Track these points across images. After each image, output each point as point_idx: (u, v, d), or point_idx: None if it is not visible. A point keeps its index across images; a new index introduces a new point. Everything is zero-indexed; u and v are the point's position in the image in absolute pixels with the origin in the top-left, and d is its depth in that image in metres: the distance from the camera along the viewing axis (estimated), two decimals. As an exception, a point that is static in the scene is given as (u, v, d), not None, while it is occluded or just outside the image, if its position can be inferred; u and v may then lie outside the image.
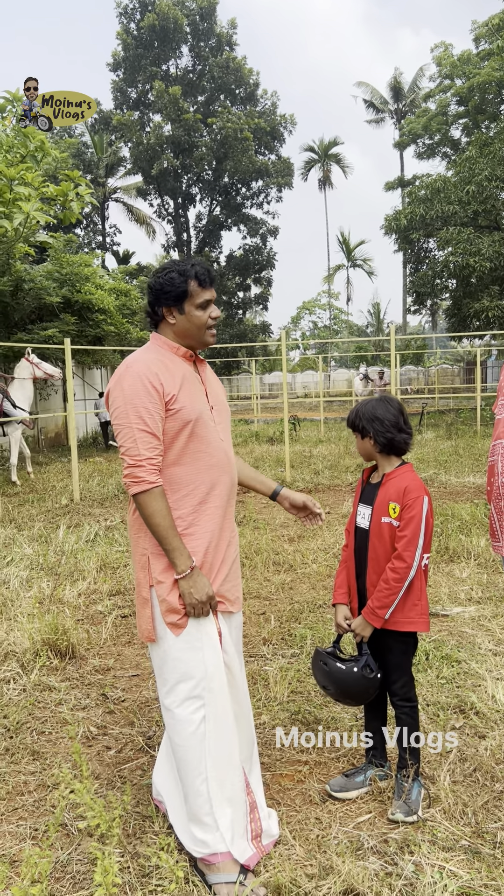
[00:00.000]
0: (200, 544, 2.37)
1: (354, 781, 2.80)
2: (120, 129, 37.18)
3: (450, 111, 26.69)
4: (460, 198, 21.29)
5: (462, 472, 10.67)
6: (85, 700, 3.75)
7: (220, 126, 35.84)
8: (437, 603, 5.03)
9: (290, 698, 3.63)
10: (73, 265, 16.28)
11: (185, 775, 2.34)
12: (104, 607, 5.18)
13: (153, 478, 2.29)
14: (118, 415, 2.32)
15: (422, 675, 3.79)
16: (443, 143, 27.80)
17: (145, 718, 3.54)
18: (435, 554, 6.19)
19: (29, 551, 6.63)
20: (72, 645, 4.30)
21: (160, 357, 2.40)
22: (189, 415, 2.34)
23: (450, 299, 24.28)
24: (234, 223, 40.74)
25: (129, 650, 4.47)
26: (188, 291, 2.38)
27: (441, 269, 21.76)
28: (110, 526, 7.91)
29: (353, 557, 2.75)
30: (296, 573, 5.93)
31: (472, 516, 7.24)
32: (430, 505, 2.57)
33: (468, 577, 5.61)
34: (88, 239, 40.77)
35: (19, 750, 3.25)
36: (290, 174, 39.28)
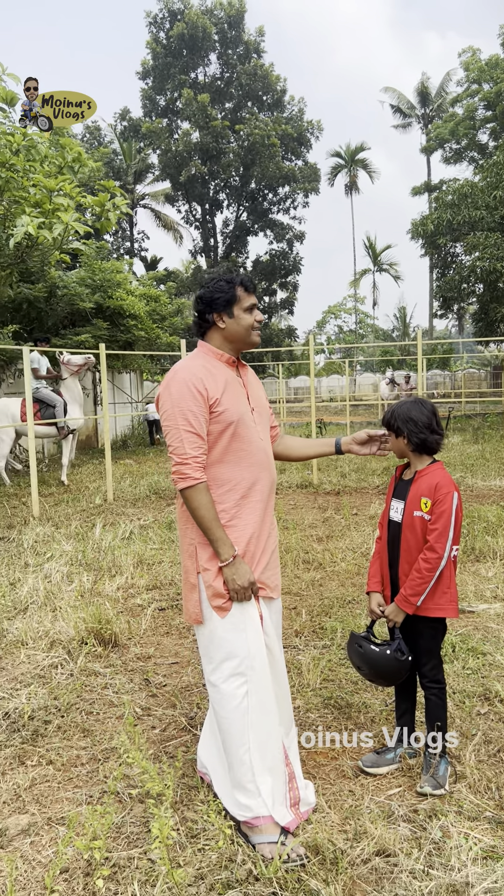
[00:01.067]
0: (243, 535, 2.59)
1: (385, 758, 2.99)
2: (149, 136, 37.64)
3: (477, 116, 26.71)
4: (487, 203, 21.33)
5: (489, 475, 10.76)
6: (128, 684, 3.96)
7: (247, 133, 36.15)
8: (464, 600, 5.18)
9: (323, 685, 3.82)
10: (104, 272, 16.60)
11: (230, 746, 2.55)
12: (142, 600, 5.40)
13: (198, 474, 2.50)
14: (166, 417, 2.55)
15: (448, 665, 3.96)
16: (470, 148, 27.82)
17: (186, 701, 3.74)
18: (461, 554, 6.34)
19: (68, 548, 6.88)
20: (114, 634, 4.52)
21: (205, 363, 2.63)
22: (231, 416, 2.55)
23: (477, 304, 24.30)
24: (261, 228, 40.97)
25: (168, 640, 4.68)
26: (236, 296, 2.63)
27: (468, 274, 21.80)
28: (144, 525, 8.13)
29: (386, 549, 2.94)
30: (325, 571, 6.11)
31: (498, 518, 7.37)
32: (459, 500, 2.75)
33: (494, 576, 5.76)
34: (117, 245, 41.27)
35: (70, 728, 3.47)
36: (317, 180, 39.42)
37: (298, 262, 40.79)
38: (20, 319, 14.61)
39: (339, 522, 8.03)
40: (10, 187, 8.91)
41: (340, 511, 8.61)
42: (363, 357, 48.22)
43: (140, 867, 2.42)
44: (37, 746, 3.31)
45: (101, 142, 39.23)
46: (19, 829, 2.70)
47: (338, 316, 73.10)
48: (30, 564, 6.39)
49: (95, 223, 9.35)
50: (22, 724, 3.47)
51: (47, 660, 4.23)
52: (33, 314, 14.80)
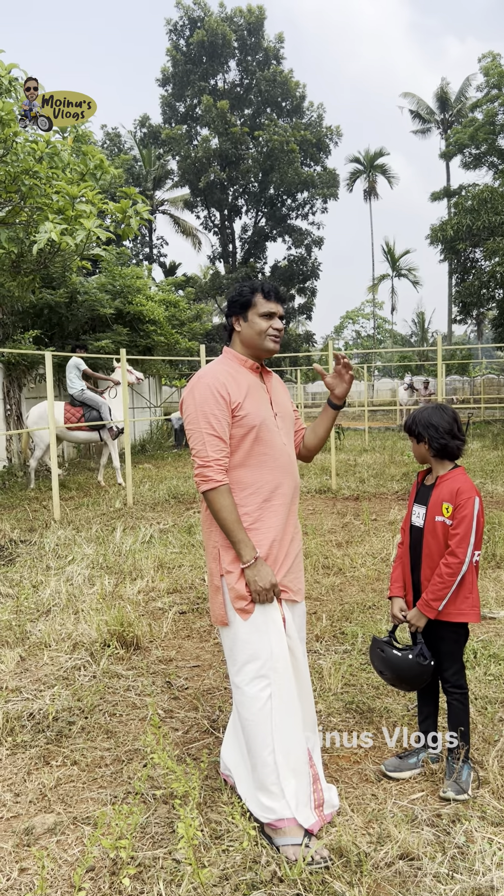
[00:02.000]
0: (266, 538, 2.62)
1: (408, 763, 3.00)
2: (168, 142, 37.87)
3: (497, 121, 26.60)
4: (507, 208, 21.23)
5: (508, 481, 10.70)
6: (151, 687, 4.00)
7: (266, 139, 36.26)
8: (485, 606, 5.17)
9: (344, 689, 3.84)
10: (124, 278, 16.72)
11: (253, 747, 2.57)
12: (163, 604, 5.44)
13: (220, 476, 2.55)
14: (190, 420, 2.60)
15: (470, 671, 3.95)
16: (490, 153, 27.70)
17: (208, 704, 3.77)
18: (482, 560, 6.32)
19: (89, 551, 6.93)
20: (136, 637, 4.56)
21: (228, 368, 2.68)
22: (253, 420, 2.59)
23: (496, 309, 24.18)
24: (279, 234, 41.02)
25: (189, 643, 4.71)
26: (252, 301, 2.69)
27: (488, 279, 21.71)
28: (164, 529, 8.18)
29: (408, 554, 2.96)
30: (345, 576, 6.11)
31: (518, 524, 7.33)
32: (480, 505, 2.76)
33: (515, 583, 5.73)
34: (136, 250, 41.54)
35: (94, 729, 3.51)
36: (336, 185, 39.43)
37: (317, 267, 40.78)
38: (41, 325, 14.75)
39: (359, 528, 8.03)
40: (34, 194, 9.01)
41: (360, 516, 8.61)
42: (381, 362, 48.11)
43: (165, 867, 2.45)
44: (61, 747, 3.35)
45: (122, 148, 39.53)
46: (45, 828, 2.74)
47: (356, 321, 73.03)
48: (51, 567, 6.44)
49: (117, 230, 9.44)
50: (46, 725, 3.51)
51: (70, 661, 4.28)
52: (54, 319, 14.95)
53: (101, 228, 8.59)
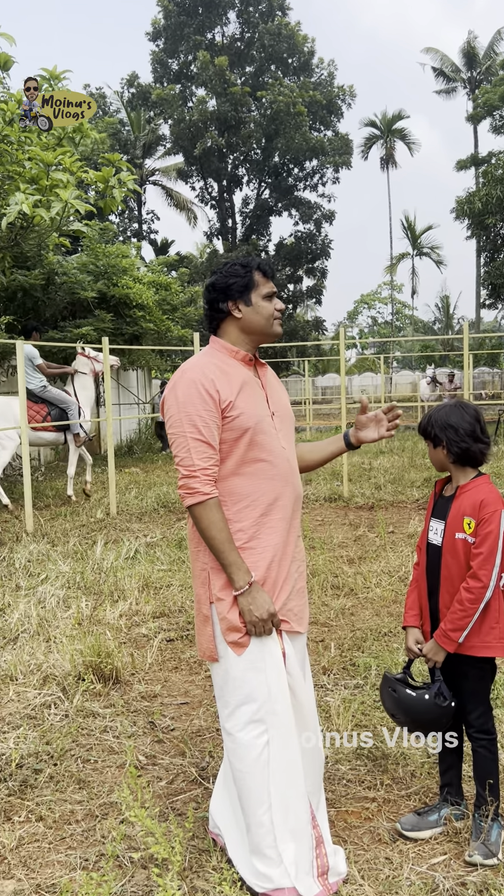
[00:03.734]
0: (262, 559, 2.54)
1: (428, 820, 2.91)
2: (159, 104, 37.84)
3: (531, 79, 26.55)
4: (543, 177, 21.17)
5: (544, 488, 10.62)
6: (131, 728, 3.92)
7: (270, 100, 36.23)
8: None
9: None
10: (109, 256, 16.65)
11: (247, 804, 2.48)
12: (148, 630, 5.38)
13: (208, 489, 2.47)
14: (172, 423, 2.52)
15: (500, 710, 3.86)
16: (523, 116, 27.67)
17: (197, 749, 3.69)
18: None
19: (65, 568, 6.87)
20: (115, 669, 4.49)
21: (217, 362, 2.59)
22: (247, 422, 2.51)
23: (530, 292, 24.12)
24: (285, 207, 40.99)
25: (177, 676, 4.64)
26: (254, 281, 2.61)
27: (520, 258, 21.63)
28: (151, 542, 8.12)
29: (425, 576, 2.87)
30: (357, 598, 6.04)
31: None
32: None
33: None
34: (123, 226, 41.52)
35: (64, 778, 3.43)
36: (349, 152, 39.37)
37: (327, 245, 40.72)
38: (14, 310, 14.68)
39: (374, 541, 7.97)
40: (3, 161, 8.96)
41: (374, 528, 8.55)
42: (400, 352, 48.11)
43: (141, 945, 2.36)
44: (25, 799, 3.27)
45: (107, 111, 39.51)
46: (4, 897, 2.65)
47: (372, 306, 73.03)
48: (21, 587, 6.39)
49: (98, 202, 9.38)
50: (9, 773, 3.43)
51: (39, 698, 4.21)
52: (29, 304, 14.87)
53: (79, 200, 8.52)
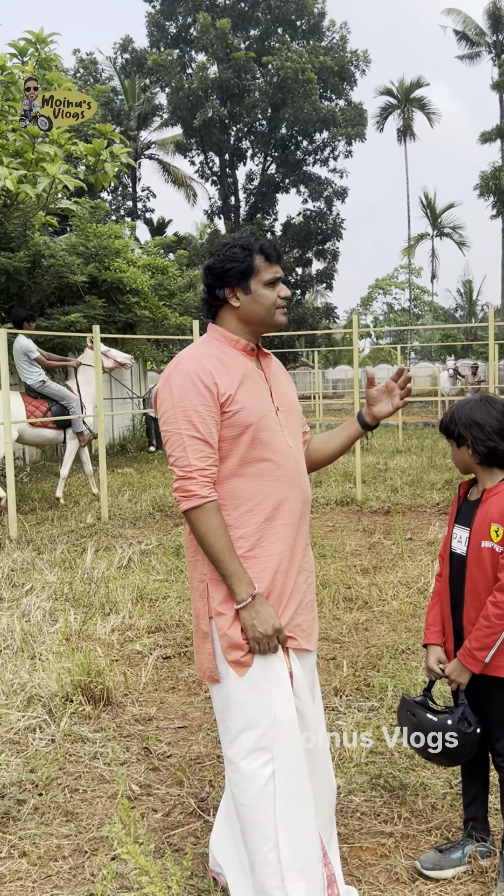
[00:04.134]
0: (267, 569, 2.51)
1: (450, 858, 2.88)
2: (156, 71, 37.83)
3: None
4: None
5: None
6: (124, 754, 3.91)
7: (277, 66, 36.17)
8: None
9: (369, 759, 3.73)
10: (100, 237, 16.64)
11: (252, 841, 2.45)
12: (142, 646, 5.36)
13: (205, 491, 2.44)
14: (166, 419, 2.50)
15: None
16: (554, 83, 27.59)
17: (196, 777, 3.68)
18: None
19: (52, 578, 6.87)
20: (107, 689, 4.47)
21: (215, 352, 2.58)
22: (248, 417, 2.49)
23: None
24: (293, 184, 40.94)
25: (174, 697, 4.62)
26: (254, 267, 2.57)
27: (551, 239, 21.56)
28: (146, 550, 8.11)
29: (447, 588, 2.84)
30: (372, 611, 6.02)
31: None
32: (543, 527, 2.64)
33: None
34: (116, 204, 41.52)
35: (50, 809, 3.41)
36: (363, 123, 39.31)
37: (339, 224, 40.65)
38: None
39: (390, 549, 7.94)
40: (-15, 133, 8.95)
41: (391, 535, 8.52)
42: (419, 342, 48.06)
43: None
44: (7, 833, 3.25)
45: (98, 78, 39.50)
46: (-17, 942, 2.63)
47: (387, 291, 72.99)
48: (4, 599, 6.39)
49: (89, 177, 9.37)
50: (-11, 804, 3.41)
51: (23, 721, 4.19)
52: (13, 289, 14.86)
53: (68, 175, 8.50)
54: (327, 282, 42.55)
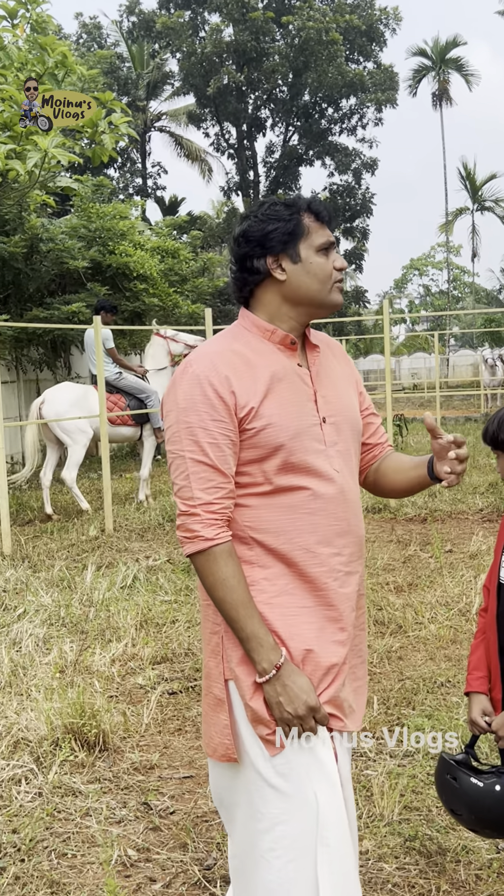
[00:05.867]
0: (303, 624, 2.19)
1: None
2: (165, 35, 37.83)
3: None
4: None
5: None
6: (120, 810, 3.75)
7: (298, 27, 36.05)
8: None
9: (403, 816, 3.55)
10: (104, 218, 16.59)
11: None
12: (146, 679, 5.22)
13: (212, 532, 2.13)
14: (170, 437, 2.19)
15: None
16: None
17: (202, 839, 3.50)
18: None
19: (47, 600, 6.77)
20: (103, 732, 4.33)
21: (240, 347, 2.23)
22: (277, 436, 2.15)
23: None
24: (318, 156, 40.88)
25: (180, 741, 4.48)
26: (303, 226, 2.24)
27: None
28: (153, 566, 7.99)
29: (494, 626, 2.65)
30: (406, 637, 5.85)
31: None
32: None
33: None
34: (125, 182, 41.60)
35: (33, 879, 3.26)
36: (394, 88, 39.18)
37: (369, 199, 40.57)
38: (-9, 284, 14.70)
39: (427, 563, 7.77)
40: (-30, 103, 8.84)
41: (428, 546, 8.33)
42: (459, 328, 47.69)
43: None
44: (-18, 909, 3.09)
45: (103, 44, 39.55)
46: None
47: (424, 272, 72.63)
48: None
49: (86, 150, 9.25)
50: (-37, 873, 3.26)
51: (7, 771, 4.06)
52: (8, 277, 14.85)
53: (62, 150, 8.37)
54: (357, 263, 42.44)
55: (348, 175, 40.42)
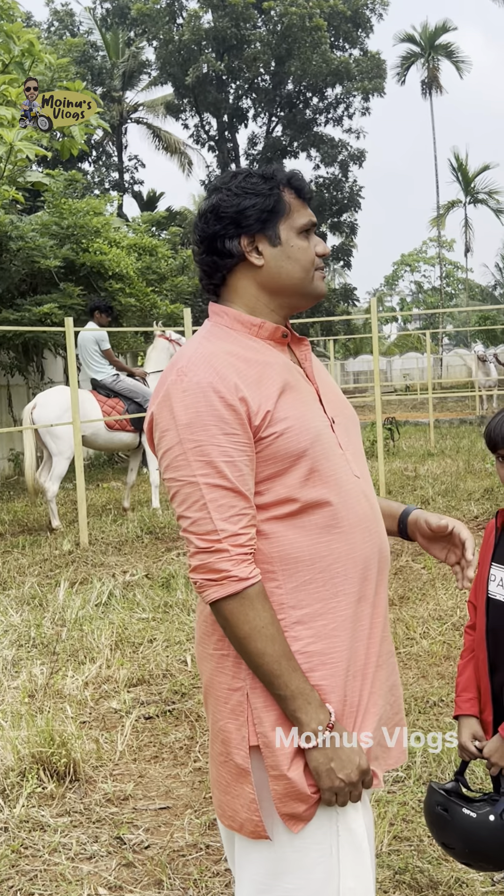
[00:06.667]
0: (335, 674, 1.96)
1: None
2: (141, 22, 37.86)
3: None
4: None
5: None
6: (92, 845, 3.70)
7: (280, 12, 36.14)
8: None
9: (392, 847, 3.51)
10: (77, 214, 16.56)
11: None
12: (121, 703, 5.18)
13: (245, 570, 1.87)
14: (171, 462, 1.92)
15: None
16: None
17: (179, 875, 3.46)
18: None
19: (16, 619, 6.75)
20: (73, 761, 4.28)
21: (231, 346, 1.99)
22: (300, 440, 1.93)
23: None
24: (303, 147, 40.95)
25: (156, 769, 4.43)
26: (286, 204, 2.03)
27: None
28: (130, 582, 7.96)
29: (484, 644, 2.61)
30: (398, 653, 5.80)
31: None
32: None
33: None
34: (100, 176, 41.55)
35: (-3, 921, 3.20)
36: (381, 76, 39.32)
37: (357, 193, 40.65)
38: (-42, 285, 14.65)
39: (419, 575, 7.77)
40: None
41: (421, 557, 8.31)
42: (453, 326, 47.87)
43: None
44: None
45: (75, 33, 39.54)
46: None
47: (415, 268, 72.87)
48: (-42, 647, 6.21)
49: (54, 143, 9.22)
50: None
51: (-30, 805, 4.00)
52: (-24, 277, 14.80)
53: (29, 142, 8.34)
54: (345, 259, 42.56)
55: (335, 167, 40.50)
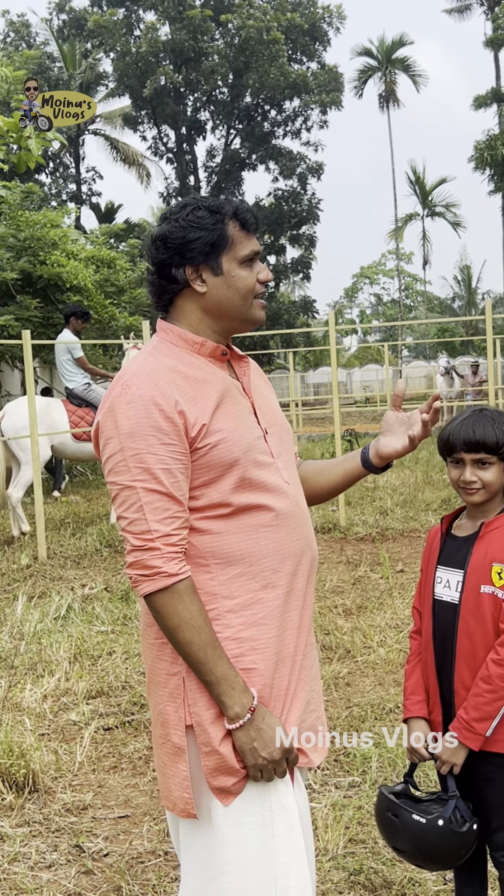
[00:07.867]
0: (265, 659, 2.15)
1: None
2: (98, 33, 37.90)
3: None
4: None
5: None
6: (51, 854, 3.73)
7: (238, 25, 36.36)
8: None
9: (348, 849, 3.58)
10: (34, 226, 16.55)
11: None
12: (80, 715, 5.20)
13: (174, 566, 2.06)
14: (113, 468, 2.11)
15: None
16: None
17: (137, 881, 3.50)
18: None
19: (-26, 634, 6.69)
20: (32, 772, 4.31)
21: (174, 363, 2.19)
22: (231, 452, 2.14)
23: None
24: (261, 160, 41.16)
25: (115, 779, 4.47)
26: (227, 237, 2.19)
27: None
28: (89, 595, 7.96)
29: (431, 647, 2.69)
30: (355, 662, 5.91)
31: None
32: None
33: None
34: (57, 188, 41.50)
35: (-44, 930, 3.23)
36: (339, 89, 39.65)
37: (315, 205, 40.90)
38: None
39: (377, 585, 7.83)
40: None
41: (379, 567, 8.40)
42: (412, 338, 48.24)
43: None
44: None
45: (32, 44, 39.51)
46: None
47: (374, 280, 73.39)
48: None
49: (10, 156, 9.25)
50: None
51: None
52: None
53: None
54: (304, 271, 42.77)
55: (293, 180, 40.72)
